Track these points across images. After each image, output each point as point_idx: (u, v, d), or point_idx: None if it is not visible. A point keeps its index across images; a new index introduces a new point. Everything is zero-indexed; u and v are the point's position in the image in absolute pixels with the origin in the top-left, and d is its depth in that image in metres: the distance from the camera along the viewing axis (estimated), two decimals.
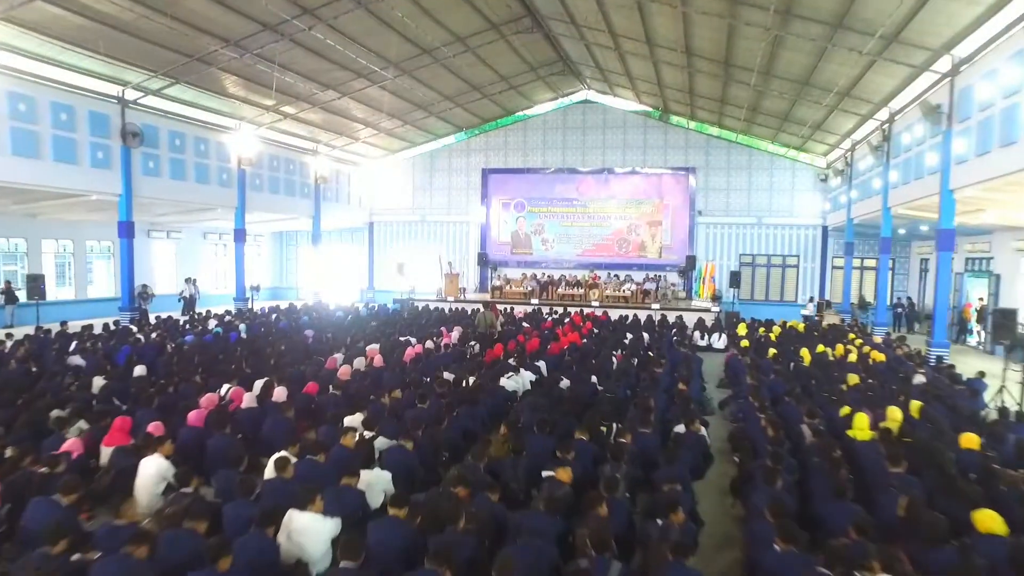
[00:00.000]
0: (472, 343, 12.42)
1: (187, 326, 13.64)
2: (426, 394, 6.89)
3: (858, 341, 13.38)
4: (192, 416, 6.19)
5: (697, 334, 14.94)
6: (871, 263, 22.08)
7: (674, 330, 15.32)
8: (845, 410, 7.21)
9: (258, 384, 7.66)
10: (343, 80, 17.32)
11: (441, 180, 24.96)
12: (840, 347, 12.56)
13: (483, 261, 23.84)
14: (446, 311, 18.55)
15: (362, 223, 25.46)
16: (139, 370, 8.44)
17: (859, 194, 17.72)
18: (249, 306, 18.64)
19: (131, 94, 14.73)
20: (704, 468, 6.13)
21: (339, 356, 9.89)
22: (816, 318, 19.78)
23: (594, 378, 8.90)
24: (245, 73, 15.66)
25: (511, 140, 24.20)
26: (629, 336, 14.09)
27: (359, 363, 9.27)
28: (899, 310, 20.51)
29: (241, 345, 11.00)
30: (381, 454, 5.64)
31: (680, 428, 6.46)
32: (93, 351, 9.88)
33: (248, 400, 6.94)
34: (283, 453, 5.09)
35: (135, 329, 12.69)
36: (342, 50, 15.24)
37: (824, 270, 22.26)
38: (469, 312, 18.11)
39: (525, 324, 15.14)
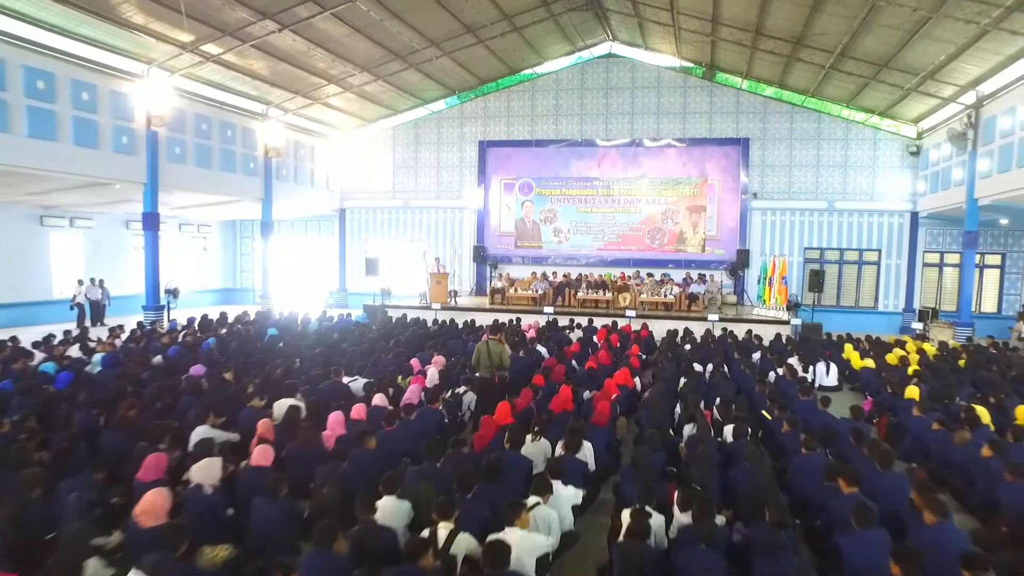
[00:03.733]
0: (461, 390, 7.53)
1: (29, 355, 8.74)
2: None
3: None
4: None
5: (794, 362, 10.04)
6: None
7: (762, 354, 10.47)
8: None
9: None
10: (284, 3, 12.42)
11: (428, 156, 20.09)
12: None
13: (480, 257, 19.05)
14: (429, 324, 13.67)
15: (331, 210, 20.55)
16: None
17: (993, 164, 12.89)
18: (164, 317, 13.79)
19: None
20: None
21: (198, 435, 4.98)
22: (919, 331, 15.02)
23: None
24: None
25: (516, 105, 19.36)
26: (698, 367, 9.28)
27: (209, 472, 4.26)
28: None
29: (35, 408, 6.04)
30: None
31: None
32: None
33: None
34: None
35: None
36: None
37: (913, 268, 17.54)
38: (460, 324, 13.30)
39: (541, 348, 10.22)
